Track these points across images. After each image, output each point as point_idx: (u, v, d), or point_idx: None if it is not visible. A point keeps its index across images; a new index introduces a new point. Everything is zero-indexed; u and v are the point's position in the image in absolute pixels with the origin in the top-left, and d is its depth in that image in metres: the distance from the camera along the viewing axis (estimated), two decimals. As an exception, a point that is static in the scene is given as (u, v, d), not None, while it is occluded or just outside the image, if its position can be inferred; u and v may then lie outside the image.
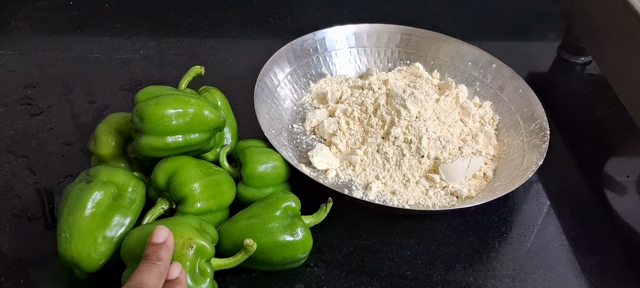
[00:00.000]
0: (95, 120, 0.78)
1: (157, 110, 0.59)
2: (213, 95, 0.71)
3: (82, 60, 0.90)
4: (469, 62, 0.86)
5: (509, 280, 0.63)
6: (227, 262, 0.57)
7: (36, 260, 0.61)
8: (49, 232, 0.64)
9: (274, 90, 0.79)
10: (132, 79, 0.86)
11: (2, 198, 0.67)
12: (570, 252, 0.67)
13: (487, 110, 0.81)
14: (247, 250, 0.56)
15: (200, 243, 0.53)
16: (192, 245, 0.53)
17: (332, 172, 0.71)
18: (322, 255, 0.64)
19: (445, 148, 0.72)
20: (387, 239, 0.66)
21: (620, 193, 0.75)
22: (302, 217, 0.62)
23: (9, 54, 0.90)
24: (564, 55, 0.98)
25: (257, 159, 0.65)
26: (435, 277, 0.62)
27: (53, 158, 0.73)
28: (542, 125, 0.74)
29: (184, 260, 0.52)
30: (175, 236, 0.52)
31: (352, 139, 0.75)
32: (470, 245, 0.66)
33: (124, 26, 0.97)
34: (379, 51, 0.88)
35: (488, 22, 1.07)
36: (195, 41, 0.95)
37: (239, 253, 0.56)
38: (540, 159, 0.69)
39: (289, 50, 0.83)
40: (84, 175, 0.59)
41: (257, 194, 0.64)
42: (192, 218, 0.57)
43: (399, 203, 0.68)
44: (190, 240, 0.53)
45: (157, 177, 0.60)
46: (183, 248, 0.52)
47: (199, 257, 0.53)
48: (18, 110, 0.80)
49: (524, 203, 0.72)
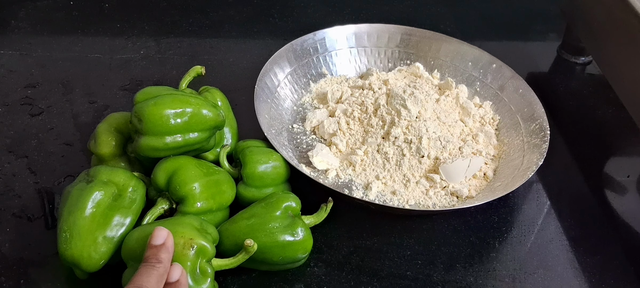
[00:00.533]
0: (95, 120, 0.78)
1: (155, 110, 0.59)
2: (213, 95, 0.71)
3: (82, 60, 0.90)
4: (469, 62, 0.86)
5: (509, 280, 0.63)
6: (227, 263, 0.57)
7: (36, 260, 0.61)
8: (49, 232, 0.64)
9: (274, 90, 0.79)
10: (132, 79, 0.86)
11: (2, 198, 0.67)
12: (570, 252, 0.67)
13: (487, 110, 0.81)
14: (247, 250, 0.56)
15: (201, 243, 0.53)
16: (193, 245, 0.53)
17: (332, 172, 0.71)
18: (322, 255, 0.64)
19: (446, 148, 0.72)
20: (387, 239, 0.66)
21: (620, 193, 0.75)
22: (303, 217, 0.62)
23: (9, 54, 0.90)
24: (564, 55, 0.98)
25: (257, 159, 0.65)
26: (435, 277, 0.62)
27: (53, 158, 0.73)
28: (542, 125, 0.74)
29: (185, 260, 0.52)
30: (176, 236, 0.52)
31: (352, 139, 0.75)
32: (470, 245, 0.66)
33: (124, 26, 0.97)
34: (379, 51, 0.88)
35: (488, 22, 1.07)
36: (195, 41, 0.95)
37: (240, 254, 0.56)
38: (540, 159, 0.69)
39: (289, 50, 0.83)
40: (84, 175, 0.59)
41: (257, 194, 0.64)
42: (193, 218, 0.57)
43: (399, 203, 0.68)
44: (191, 240, 0.53)
45: (157, 176, 0.60)
46: (184, 249, 0.52)
47: (200, 257, 0.53)
48: (18, 110, 0.80)
49: (524, 203, 0.72)
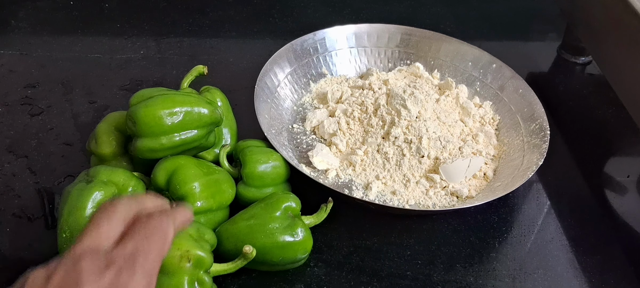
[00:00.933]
0: (95, 120, 0.78)
1: (147, 112, 0.59)
2: (213, 95, 0.71)
3: (82, 60, 0.90)
4: (469, 62, 0.86)
5: (509, 280, 0.63)
6: (226, 268, 0.56)
7: (36, 260, 0.60)
8: (49, 232, 0.64)
9: (274, 90, 0.79)
10: (132, 79, 0.86)
11: (2, 198, 0.67)
12: (570, 252, 0.67)
13: (487, 110, 0.81)
14: (246, 257, 0.56)
15: (199, 254, 0.53)
16: (190, 258, 0.52)
17: (332, 172, 0.71)
18: (322, 255, 0.64)
19: (446, 148, 0.72)
20: (387, 239, 0.66)
21: (620, 193, 0.75)
22: (303, 217, 0.62)
23: (9, 54, 0.90)
24: (564, 55, 0.98)
25: (257, 159, 0.65)
26: (435, 277, 0.62)
27: (53, 158, 0.73)
28: (542, 125, 0.74)
29: (183, 273, 0.52)
30: (173, 248, 0.51)
31: (352, 139, 0.75)
32: (470, 245, 0.66)
33: (124, 26, 0.97)
34: (379, 51, 0.88)
35: (488, 22, 1.07)
36: (195, 41, 0.95)
37: (238, 259, 0.56)
38: (540, 159, 0.69)
39: (289, 50, 0.83)
40: (84, 175, 0.59)
41: (257, 194, 0.64)
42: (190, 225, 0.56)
43: (399, 203, 0.68)
44: (188, 252, 0.52)
45: (157, 176, 0.60)
46: (181, 261, 0.52)
47: (197, 269, 0.53)
48: (18, 110, 0.80)
49: (524, 203, 0.72)
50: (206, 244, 0.55)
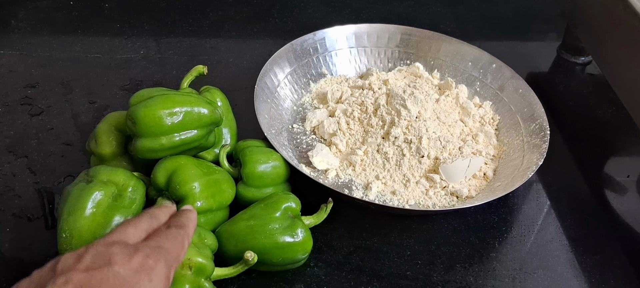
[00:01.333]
0: (95, 120, 0.78)
1: (147, 112, 0.59)
2: (213, 95, 0.71)
3: (82, 60, 0.90)
4: (469, 62, 0.86)
5: (509, 280, 0.63)
6: (226, 272, 0.56)
7: (36, 260, 0.61)
8: (49, 232, 0.64)
9: (274, 90, 0.79)
10: (132, 79, 0.86)
11: (2, 198, 0.67)
12: (570, 252, 0.67)
13: (487, 110, 0.81)
14: (247, 263, 0.56)
15: (200, 261, 0.53)
16: (191, 266, 0.52)
17: (332, 172, 0.71)
18: (322, 255, 0.64)
19: (445, 148, 0.72)
20: (387, 239, 0.66)
21: (620, 193, 0.75)
22: (302, 218, 0.62)
23: (9, 54, 0.90)
24: (564, 55, 0.98)
25: (257, 159, 0.65)
26: (435, 277, 0.62)
27: (53, 158, 0.73)
28: (542, 125, 0.74)
29: (184, 281, 0.52)
30: None
31: (352, 139, 0.75)
32: (470, 245, 0.66)
33: (124, 26, 0.97)
34: (379, 51, 0.88)
35: (488, 22, 1.07)
36: (195, 41, 0.95)
37: (239, 264, 0.56)
38: (540, 159, 0.69)
39: (289, 50, 0.83)
40: (83, 175, 0.59)
41: (257, 194, 0.64)
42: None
43: (399, 203, 0.68)
44: (190, 260, 0.52)
45: (157, 176, 0.60)
46: (182, 269, 0.52)
47: (199, 277, 0.53)
48: (18, 110, 0.80)
49: (524, 203, 0.72)
50: (207, 250, 0.55)
